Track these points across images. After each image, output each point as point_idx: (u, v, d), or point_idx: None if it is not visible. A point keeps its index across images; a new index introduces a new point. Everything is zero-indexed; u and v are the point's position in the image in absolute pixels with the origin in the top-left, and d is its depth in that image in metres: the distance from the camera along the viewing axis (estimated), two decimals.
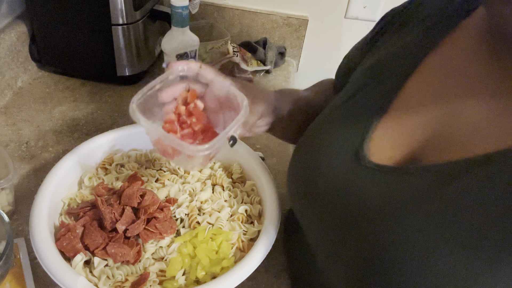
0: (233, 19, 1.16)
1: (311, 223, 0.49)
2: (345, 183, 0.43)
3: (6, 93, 0.89)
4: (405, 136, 0.42)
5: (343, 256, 0.42)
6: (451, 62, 0.43)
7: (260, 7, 1.15)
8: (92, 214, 0.57)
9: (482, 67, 0.40)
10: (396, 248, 0.36)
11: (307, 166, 0.48)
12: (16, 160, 0.74)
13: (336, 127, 0.48)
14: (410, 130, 0.42)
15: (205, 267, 0.54)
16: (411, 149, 0.41)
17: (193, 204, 0.61)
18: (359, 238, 0.40)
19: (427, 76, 0.44)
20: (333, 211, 0.44)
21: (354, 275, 0.41)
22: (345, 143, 0.46)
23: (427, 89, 0.43)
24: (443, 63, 0.43)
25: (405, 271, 0.35)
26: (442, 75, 0.43)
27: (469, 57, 0.41)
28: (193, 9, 1.00)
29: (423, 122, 0.42)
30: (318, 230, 0.47)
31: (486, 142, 0.36)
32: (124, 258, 0.53)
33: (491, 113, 0.37)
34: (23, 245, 0.59)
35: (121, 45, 0.89)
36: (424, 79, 0.44)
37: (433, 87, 0.43)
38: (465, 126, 0.38)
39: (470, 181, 0.35)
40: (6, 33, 0.87)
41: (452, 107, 0.40)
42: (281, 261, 0.62)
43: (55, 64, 0.97)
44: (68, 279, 0.48)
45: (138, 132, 0.70)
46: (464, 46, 0.42)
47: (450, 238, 0.34)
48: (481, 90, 0.39)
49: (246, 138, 0.84)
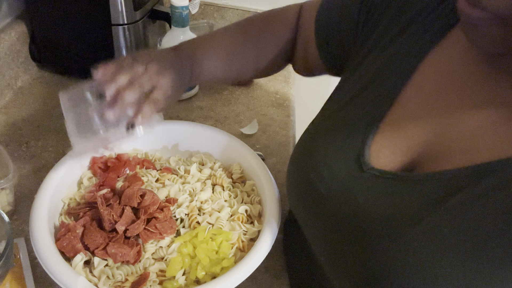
0: (233, 19, 1.16)
1: (312, 229, 0.49)
2: (348, 191, 0.43)
3: (6, 93, 0.88)
4: (404, 143, 0.42)
5: (346, 263, 0.42)
6: (446, 67, 0.42)
7: (260, 7, 1.15)
8: (92, 214, 0.57)
9: (477, 73, 0.39)
10: (400, 258, 0.36)
11: (308, 174, 0.48)
12: (16, 160, 0.74)
13: (335, 134, 0.48)
14: (409, 137, 0.42)
15: (205, 267, 0.54)
16: (410, 156, 0.41)
17: (193, 204, 0.61)
18: (363, 245, 0.40)
19: (423, 82, 0.43)
20: (336, 219, 0.44)
21: (357, 283, 0.40)
22: (346, 151, 0.45)
23: (423, 96, 0.43)
24: (439, 68, 0.43)
25: (409, 281, 0.35)
26: (438, 81, 0.42)
27: (464, 62, 0.41)
28: (193, 9, 1.00)
29: (421, 130, 0.41)
30: (320, 236, 0.47)
31: (485, 151, 0.36)
32: (124, 258, 0.53)
33: (489, 121, 0.37)
34: (23, 245, 0.59)
35: (121, 45, 0.89)
36: (420, 86, 0.43)
37: (429, 93, 0.42)
38: (463, 134, 0.38)
39: (475, 190, 0.34)
40: (6, 33, 0.87)
41: (450, 114, 0.40)
42: (281, 261, 0.62)
43: (55, 64, 0.97)
44: (68, 279, 0.48)
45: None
46: (459, 51, 0.42)
47: (453, 249, 0.33)
48: (478, 97, 0.39)
49: (246, 138, 0.84)
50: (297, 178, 0.50)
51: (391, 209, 0.39)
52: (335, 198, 0.44)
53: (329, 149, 0.47)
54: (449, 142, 0.39)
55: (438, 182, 0.37)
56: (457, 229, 0.34)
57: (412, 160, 0.41)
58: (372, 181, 0.41)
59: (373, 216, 0.40)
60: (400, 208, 0.38)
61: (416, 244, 0.35)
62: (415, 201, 0.37)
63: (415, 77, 0.44)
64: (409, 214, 0.37)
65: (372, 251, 0.39)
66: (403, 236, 0.37)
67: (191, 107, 0.91)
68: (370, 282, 0.39)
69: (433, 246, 0.35)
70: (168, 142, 0.73)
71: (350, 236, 0.42)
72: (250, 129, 0.86)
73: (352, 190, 0.43)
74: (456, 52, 0.42)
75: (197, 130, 0.72)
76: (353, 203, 0.42)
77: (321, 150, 0.48)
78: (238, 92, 0.98)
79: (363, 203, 0.41)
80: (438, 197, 0.36)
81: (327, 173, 0.45)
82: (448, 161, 0.38)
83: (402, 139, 0.42)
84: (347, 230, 0.42)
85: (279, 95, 0.99)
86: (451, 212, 0.35)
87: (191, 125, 0.72)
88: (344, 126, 0.47)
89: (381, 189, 0.41)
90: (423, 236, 0.35)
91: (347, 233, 0.42)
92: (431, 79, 0.43)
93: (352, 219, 0.42)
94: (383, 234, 0.38)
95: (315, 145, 0.49)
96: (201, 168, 0.68)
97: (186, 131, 0.71)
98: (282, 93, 0.99)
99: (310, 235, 0.50)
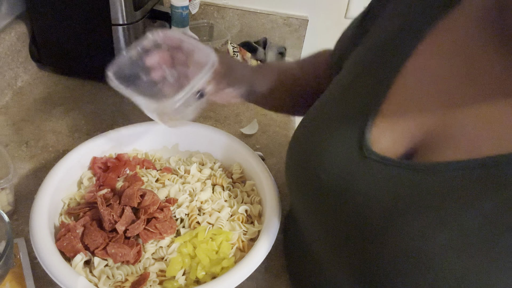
0: (233, 19, 1.16)
1: (312, 219, 0.48)
2: (350, 177, 0.41)
3: (6, 93, 0.89)
4: (406, 129, 0.40)
5: (347, 254, 0.42)
6: (450, 48, 0.39)
7: (260, 7, 1.15)
8: (92, 214, 0.58)
9: (486, 58, 0.36)
10: (403, 250, 0.35)
11: (308, 162, 0.46)
12: (16, 160, 0.74)
13: (334, 120, 0.46)
14: (411, 122, 0.40)
15: (205, 267, 0.54)
16: (411, 142, 0.39)
17: (193, 204, 0.61)
18: (363, 237, 0.39)
19: (424, 64, 0.41)
20: (338, 207, 0.42)
21: (358, 274, 0.40)
22: (346, 136, 0.43)
23: (425, 79, 0.40)
24: (441, 49, 0.40)
25: (411, 274, 0.35)
26: (440, 63, 0.40)
27: (471, 43, 0.38)
28: (193, 9, 1.00)
29: (424, 116, 0.39)
30: (320, 226, 0.46)
31: (491, 143, 0.34)
32: (124, 258, 0.53)
33: (497, 111, 0.35)
34: (23, 245, 0.59)
35: (121, 45, 0.89)
36: (421, 67, 0.41)
37: (431, 76, 0.40)
38: (468, 124, 0.36)
39: (484, 182, 0.33)
40: (6, 33, 0.87)
41: (454, 100, 0.38)
42: (281, 261, 0.62)
43: (55, 64, 0.97)
44: (68, 279, 0.48)
45: (138, 132, 0.70)
46: (464, 28, 0.38)
47: (459, 243, 0.33)
48: (485, 84, 0.36)
49: (246, 138, 0.84)
50: (297, 167, 0.49)
51: (394, 198, 0.38)
52: (336, 185, 0.43)
53: (328, 135, 0.45)
54: (453, 131, 0.37)
55: (443, 172, 0.35)
56: (466, 221, 0.33)
57: (414, 147, 0.39)
58: (374, 167, 0.40)
59: (375, 204, 0.39)
60: (404, 197, 0.37)
61: (420, 235, 0.34)
62: (420, 190, 0.36)
63: (415, 58, 0.41)
64: (415, 203, 0.36)
65: (374, 240, 0.38)
66: (407, 227, 0.36)
67: None
68: (373, 272, 0.38)
69: (439, 237, 0.34)
70: (168, 142, 0.73)
71: (351, 226, 0.41)
72: (250, 129, 0.86)
73: (354, 176, 0.41)
74: (462, 32, 0.39)
75: (197, 130, 0.72)
76: (355, 190, 0.41)
77: (320, 136, 0.46)
78: None
79: (365, 190, 0.40)
80: (444, 188, 0.35)
81: (328, 159, 0.44)
82: (452, 150, 0.36)
83: (404, 124, 0.40)
84: (348, 219, 0.41)
85: None
86: (459, 205, 0.34)
87: (191, 125, 0.72)
88: (343, 111, 0.46)
89: (383, 176, 0.39)
90: (430, 226, 0.34)
91: (348, 222, 0.41)
92: (433, 60, 0.40)
93: (353, 207, 0.40)
94: (385, 223, 0.37)
95: (314, 131, 0.48)
96: (201, 168, 0.68)
97: (186, 131, 0.71)
98: None
99: (310, 228, 0.49)
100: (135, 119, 0.86)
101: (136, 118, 0.86)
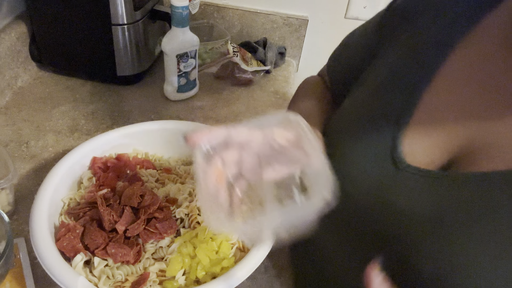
0: (233, 19, 1.16)
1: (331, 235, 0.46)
2: (384, 190, 0.40)
3: (6, 93, 0.89)
4: (441, 140, 0.39)
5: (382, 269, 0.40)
6: (481, 58, 0.39)
7: (260, 7, 1.15)
8: (92, 214, 0.57)
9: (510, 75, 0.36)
10: (450, 260, 0.35)
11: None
12: (16, 160, 0.74)
13: (360, 130, 0.44)
14: (445, 132, 0.39)
15: (205, 267, 0.54)
16: (447, 153, 0.38)
17: (193, 204, 0.61)
18: (403, 247, 0.38)
19: (455, 74, 0.40)
20: (369, 221, 0.41)
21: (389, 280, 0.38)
22: (375, 147, 0.42)
23: (457, 89, 0.39)
24: (472, 59, 0.39)
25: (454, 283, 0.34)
26: (472, 73, 0.39)
27: (503, 53, 0.37)
28: (193, 9, 1.00)
29: (459, 126, 0.38)
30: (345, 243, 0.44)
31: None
32: (124, 258, 0.53)
33: None
34: (23, 245, 0.59)
35: (121, 45, 0.89)
36: (452, 78, 0.40)
37: (463, 86, 0.39)
38: (504, 134, 0.35)
39: None
40: (6, 33, 0.87)
41: (489, 111, 0.37)
42: (281, 260, 0.62)
43: (55, 64, 0.97)
44: (68, 279, 0.48)
45: (138, 132, 0.70)
46: (496, 39, 0.38)
47: (509, 253, 0.32)
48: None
49: None
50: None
51: (437, 209, 0.37)
52: (366, 199, 0.41)
53: (355, 147, 0.43)
54: (490, 140, 0.36)
55: (484, 183, 0.35)
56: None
57: (450, 158, 0.38)
58: (412, 179, 0.39)
59: (416, 217, 0.37)
60: (449, 208, 0.36)
61: (469, 247, 0.34)
62: (466, 201, 0.35)
63: (445, 68, 0.40)
64: (459, 215, 0.35)
65: (416, 252, 0.37)
66: (453, 238, 0.35)
67: (191, 107, 0.91)
68: (409, 280, 0.37)
69: (489, 251, 0.33)
70: (168, 142, 0.73)
71: (386, 239, 0.39)
72: None
73: (388, 190, 0.40)
74: (493, 40, 0.38)
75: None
76: (391, 203, 0.39)
77: (345, 149, 0.44)
78: (238, 92, 0.98)
79: (403, 203, 0.38)
80: (490, 198, 0.34)
81: (356, 172, 0.42)
82: (486, 161, 0.35)
83: (438, 135, 0.39)
84: (382, 232, 0.40)
85: (279, 95, 0.99)
86: (506, 216, 0.33)
87: (191, 125, 0.72)
88: (370, 121, 0.44)
89: (423, 189, 0.38)
90: (477, 238, 0.34)
91: (382, 236, 0.40)
92: (463, 72, 0.39)
93: (390, 220, 0.39)
94: (429, 235, 0.36)
95: (341, 142, 0.46)
96: None
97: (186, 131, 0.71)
98: (282, 93, 0.99)
99: (325, 237, 0.47)
100: (135, 119, 0.86)
101: (136, 118, 0.86)
